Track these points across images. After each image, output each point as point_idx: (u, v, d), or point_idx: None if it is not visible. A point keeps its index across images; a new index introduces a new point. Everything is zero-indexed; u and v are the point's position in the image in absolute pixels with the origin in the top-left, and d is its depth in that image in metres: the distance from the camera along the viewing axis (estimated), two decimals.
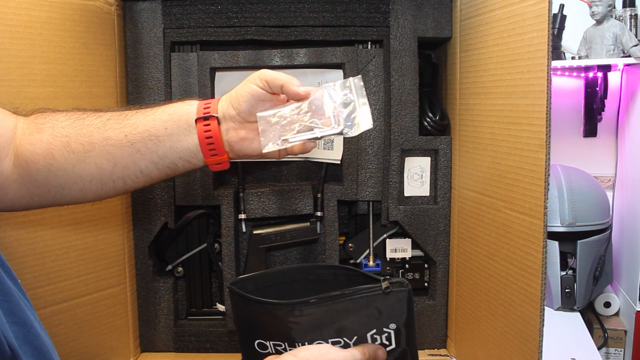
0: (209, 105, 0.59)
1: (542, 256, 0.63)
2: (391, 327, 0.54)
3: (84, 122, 0.58)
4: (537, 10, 0.63)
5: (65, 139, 0.57)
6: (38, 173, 0.57)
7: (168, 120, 0.58)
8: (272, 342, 0.56)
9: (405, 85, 0.89)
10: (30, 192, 0.58)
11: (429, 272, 0.97)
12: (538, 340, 0.65)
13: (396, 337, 0.54)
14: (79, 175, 0.58)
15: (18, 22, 0.72)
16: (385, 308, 0.54)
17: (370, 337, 0.54)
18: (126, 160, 0.58)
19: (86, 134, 0.57)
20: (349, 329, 0.54)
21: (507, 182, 0.72)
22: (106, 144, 0.57)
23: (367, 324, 0.54)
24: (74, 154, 0.57)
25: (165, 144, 0.58)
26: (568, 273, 1.11)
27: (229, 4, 0.87)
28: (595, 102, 1.28)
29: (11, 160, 0.57)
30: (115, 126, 0.58)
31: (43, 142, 0.57)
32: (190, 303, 0.98)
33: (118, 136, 0.57)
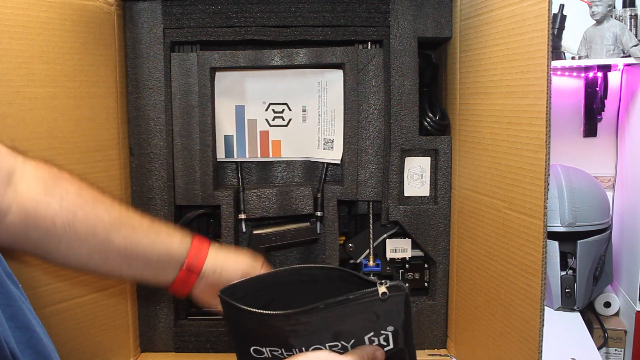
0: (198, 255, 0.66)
1: (542, 256, 0.63)
2: (389, 330, 0.54)
3: (93, 209, 0.61)
4: (537, 10, 0.63)
5: (72, 217, 0.59)
6: (35, 231, 0.57)
7: (164, 255, 0.65)
8: (269, 349, 0.55)
9: (405, 85, 0.89)
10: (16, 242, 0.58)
11: (429, 272, 0.97)
12: (538, 340, 0.65)
13: (394, 338, 0.54)
14: (69, 254, 0.60)
15: (17, 22, 0.72)
16: (382, 312, 0.53)
17: (368, 339, 0.54)
18: (115, 264, 0.63)
19: (92, 225, 0.60)
20: (346, 333, 0.54)
21: (507, 182, 0.72)
22: (107, 243, 0.61)
23: (364, 327, 0.54)
24: (75, 235, 0.59)
25: (150, 270, 0.65)
26: (568, 273, 1.11)
27: (229, 4, 0.87)
28: (595, 102, 1.28)
29: (7, 205, 0.56)
30: (120, 232, 0.62)
31: (49, 208, 0.58)
32: (191, 303, 0.98)
33: (119, 244, 0.62)
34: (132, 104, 0.89)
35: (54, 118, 0.77)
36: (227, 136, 0.95)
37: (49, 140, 0.76)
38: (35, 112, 0.74)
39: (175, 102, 0.89)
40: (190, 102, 0.89)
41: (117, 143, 0.87)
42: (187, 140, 0.90)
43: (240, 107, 0.95)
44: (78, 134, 0.80)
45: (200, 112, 0.89)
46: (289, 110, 0.95)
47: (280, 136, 0.96)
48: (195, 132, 0.90)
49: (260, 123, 0.95)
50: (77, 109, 0.80)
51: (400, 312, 0.53)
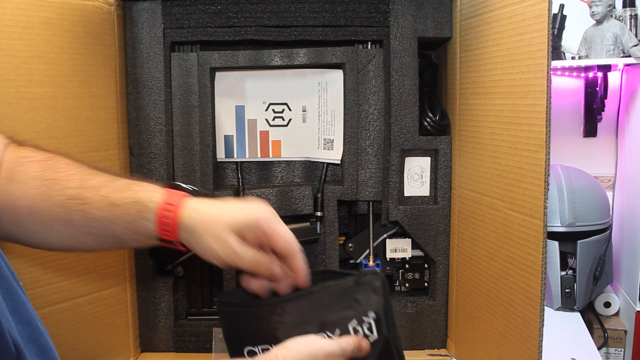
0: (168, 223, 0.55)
1: (542, 256, 0.63)
2: (370, 316, 0.55)
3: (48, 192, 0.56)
4: (537, 10, 0.63)
5: (31, 204, 0.56)
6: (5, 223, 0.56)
7: (127, 229, 0.56)
8: (260, 347, 0.56)
9: (405, 85, 0.89)
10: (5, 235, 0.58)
11: (429, 272, 0.97)
12: (538, 340, 0.65)
13: (377, 325, 0.55)
14: (42, 239, 0.58)
15: (16, 22, 0.72)
16: (361, 298, 0.55)
17: (352, 329, 0.55)
18: (90, 243, 0.58)
19: (48, 209, 0.56)
20: (330, 323, 0.55)
21: (507, 182, 0.72)
22: (68, 226, 0.57)
23: (347, 315, 0.55)
24: (38, 222, 0.57)
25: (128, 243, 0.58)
26: (568, 273, 1.11)
27: (229, 4, 0.87)
28: (595, 102, 1.28)
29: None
30: (75, 211, 0.56)
31: (11, 195, 0.56)
32: (190, 303, 0.98)
33: (79, 223, 0.56)
34: (132, 104, 0.89)
35: (54, 118, 0.77)
36: (227, 136, 0.95)
37: (49, 140, 0.76)
38: (34, 112, 0.74)
39: (175, 102, 0.89)
40: (190, 102, 0.89)
41: (117, 143, 0.87)
42: (187, 140, 0.90)
43: (240, 107, 0.95)
44: (78, 134, 0.80)
45: (200, 112, 0.89)
46: (289, 110, 0.95)
47: (280, 136, 0.96)
48: (195, 132, 0.90)
49: (260, 123, 0.95)
50: (77, 109, 0.80)
51: (379, 297, 0.55)
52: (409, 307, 0.94)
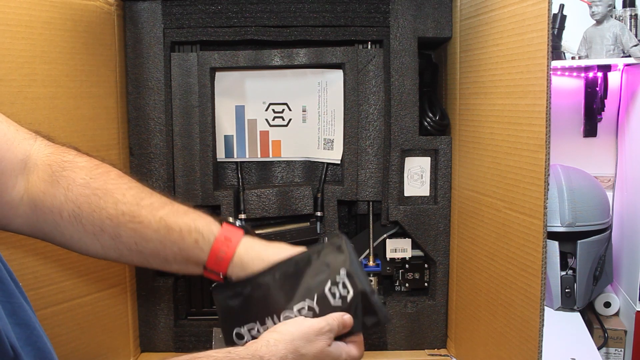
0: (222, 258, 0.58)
1: (542, 256, 0.63)
2: (342, 274, 0.57)
3: (99, 202, 0.56)
4: (537, 10, 0.63)
5: (77, 210, 0.56)
6: (45, 223, 0.56)
7: (178, 254, 0.58)
8: (246, 327, 0.59)
9: (405, 85, 0.89)
10: (34, 233, 0.58)
11: (429, 272, 0.97)
12: (538, 340, 0.65)
13: (350, 281, 0.57)
14: (83, 247, 0.58)
15: (19, 22, 0.72)
16: (329, 260, 0.58)
17: (329, 291, 0.57)
18: (134, 259, 0.59)
19: (98, 219, 0.56)
20: (308, 290, 0.57)
21: (507, 182, 0.72)
22: (116, 240, 0.57)
23: (321, 279, 0.57)
24: (84, 229, 0.56)
25: (172, 267, 0.60)
26: (568, 273, 1.11)
27: (229, 4, 0.87)
28: (595, 102, 1.28)
29: (20, 194, 0.55)
30: (127, 227, 0.57)
31: (55, 199, 0.55)
32: (190, 303, 0.98)
33: (128, 240, 0.57)
34: (132, 104, 0.89)
35: (55, 118, 0.77)
36: (227, 136, 0.95)
37: None
38: (36, 112, 0.74)
39: (175, 102, 0.89)
40: (190, 102, 0.89)
41: (117, 143, 0.87)
42: (187, 140, 0.90)
43: (240, 107, 0.95)
44: (79, 133, 0.80)
45: (200, 112, 0.90)
46: (289, 110, 0.95)
47: (280, 136, 0.96)
48: (195, 132, 0.90)
49: (260, 123, 0.95)
50: (78, 109, 0.80)
51: (344, 255, 0.57)
52: (409, 307, 0.94)
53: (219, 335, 0.71)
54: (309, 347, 0.53)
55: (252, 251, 0.60)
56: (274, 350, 0.52)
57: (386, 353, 0.95)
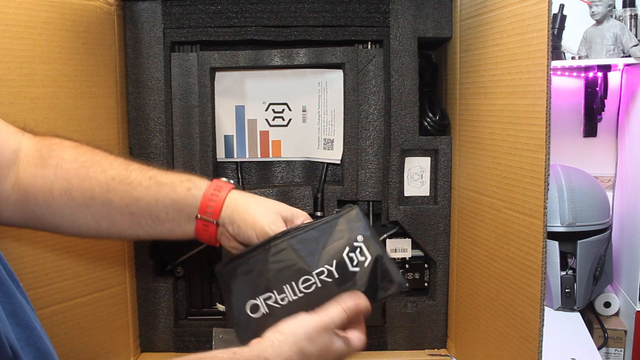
0: (213, 204, 0.59)
1: (542, 256, 0.63)
2: (360, 240, 0.57)
3: (88, 172, 0.58)
4: (537, 10, 0.63)
5: (67, 185, 0.57)
6: (36, 207, 0.57)
7: (170, 207, 0.59)
8: (262, 297, 0.57)
9: (405, 85, 0.89)
10: (25, 219, 0.58)
11: (429, 272, 0.97)
12: (538, 340, 0.65)
13: (367, 246, 0.57)
14: (75, 222, 0.58)
15: (18, 22, 0.72)
16: (346, 227, 0.58)
17: (347, 257, 0.57)
18: (124, 224, 0.59)
19: (88, 188, 0.57)
20: (327, 255, 0.57)
21: (507, 182, 0.72)
22: (107, 205, 0.58)
23: (339, 245, 0.57)
24: (74, 202, 0.57)
25: (164, 226, 0.60)
26: (568, 273, 1.11)
27: (229, 4, 0.87)
28: (595, 102, 1.28)
29: (11, 184, 0.57)
30: (118, 190, 0.58)
31: (45, 179, 0.56)
32: (190, 303, 0.98)
33: (119, 203, 0.58)
34: (132, 104, 0.89)
35: (55, 118, 0.77)
36: (227, 136, 0.95)
37: None
38: (36, 112, 0.74)
39: (175, 102, 0.89)
40: (190, 102, 0.89)
41: (117, 143, 0.87)
42: (187, 140, 0.90)
43: (240, 107, 0.95)
44: (79, 134, 0.80)
45: (200, 112, 0.90)
46: (289, 110, 0.95)
47: (280, 136, 0.96)
48: (195, 132, 0.90)
49: (260, 123, 0.95)
50: (78, 109, 0.80)
51: (360, 222, 0.58)
52: (409, 307, 0.94)
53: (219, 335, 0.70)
54: (313, 345, 0.53)
55: (244, 196, 0.61)
56: (278, 351, 0.51)
57: (386, 353, 0.95)
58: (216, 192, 0.60)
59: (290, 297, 0.57)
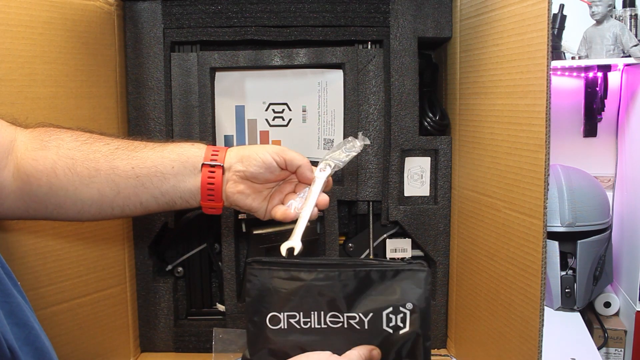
0: (217, 153, 0.61)
1: (542, 256, 0.63)
2: (407, 307, 0.55)
3: (91, 147, 0.59)
4: (537, 10, 0.63)
5: (71, 161, 0.58)
6: (39, 189, 0.57)
7: (176, 160, 0.60)
8: (286, 314, 0.56)
9: (405, 85, 0.89)
10: (27, 206, 0.58)
11: None
12: (538, 340, 0.65)
13: (411, 319, 0.55)
14: (79, 197, 0.58)
15: (19, 22, 0.72)
16: (403, 287, 0.55)
17: (385, 315, 0.55)
18: (129, 191, 0.59)
19: (93, 159, 0.58)
20: (365, 304, 0.55)
21: (507, 182, 0.72)
22: (112, 173, 0.58)
23: (384, 301, 0.55)
24: (78, 177, 0.58)
25: (169, 182, 0.60)
26: (568, 273, 1.11)
27: (229, 4, 0.87)
28: (595, 102, 1.28)
29: (10, 172, 0.57)
30: (123, 156, 0.59)
31: (47, 159, 0.57)
32: (190, 303, 0.98)
33: (125, 167, 0.59)
34: (132, 104, 0.89)
35: (56, 118, 0.77)
36: (227, 136, 0.95)
37: None
38: (37, 112, 0.74)
39: (175, 102, 0.89)
40: (190, 102, 0.89)
41: None
42: (187, 140, 0.90)
43: (240, 107, 0.95)
44: None
45: (200, 112, 0.90)
46: (289, 110, 0.95)
47: (280, 136, 0.96)
48: (195, 132, 0.90)
49: (260, 123, 0.95)
50: (78, 109, 0.80)
51: (420, 289, 0.55)
52: None
53: (219, 335, 0.70)
54: None
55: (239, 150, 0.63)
56: None
57: None
58: (215, 147, 0.62)
59: (314, 324, 0.56)
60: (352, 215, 1.00)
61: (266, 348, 0.56)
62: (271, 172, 0.62)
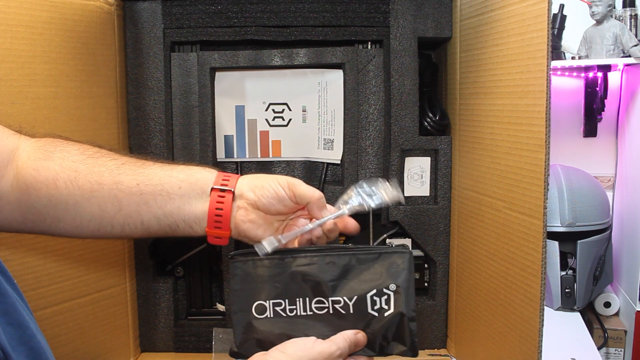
0: (227, 179, 0.59)
1: (542, 256, 0.63)
2: (391, 288, 0.55)
3: (97, 160, 0.57)
4: (537, 10, 0.63)
5: (74, 174, 0.56)
6: (37, 200, 0.56)
7: (184, 180, 0.57)
8: (272, 302, 0.56)
9: (405, 85, 0.89)
10: (24, 218, 0.57)
11: (429, 272, 0.97)
12: (538, 340, 0.65)
13: (395, 299, 0.55)
14: (79, 212, 0.57)
15: (19, 22, 0.72)
16: (385, 269, 0.56)
17: (370, 298, 0.55)
18: (131, 208, 0.57)
19: (97, 173, 0.56)
20: (349, 288, 0.55)
21: (507, 182, 0.72)
22: (115, 188, 0.56)
23: (368, 283, 0.55)
24: (79, 190, 0.56)
25: (174, 203, 0.57)
26: (568, 273, 1.11)
27: (229, 4, 0.87)
28: (595, 102, 1.28)
29: (9, 182, 0.56)
30: (129, 172, 0.57)
31: (49, 170, 0.55)
32: (190, 303, 0.98)
33: (129, 182, 0.57)
34: (132, 104, 0.89)
35: (56, 118, 0.77)
36: (227, 136, 0.95)
37: None
38: (37, 112, 0.74)
39: (175, 102, 0.89)
40: (190, 102, 0.89)
41: (117, 143, 0.88)
42: (187, 140, 0.90)
43: (240, 107, 0.95)
44: (79, 134, 0.80)
45: (200, 112, 0.90)
46: (289, 110, 0.95)
47: (280, 136, 0.96)
48: (195, 132, 0.90)
49: (260, 123, 0.95)
50: (79, 109, 0.80)
51: (403, 270, 0.56)
52: None
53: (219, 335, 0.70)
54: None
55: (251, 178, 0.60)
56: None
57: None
58: (226, 173, 0.60)
59: (300, 311, 0.56)
60: (352, 215, 1.00)
61: (253, 338, 0.56)
62: (284, 205, 0.59)
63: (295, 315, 0.56)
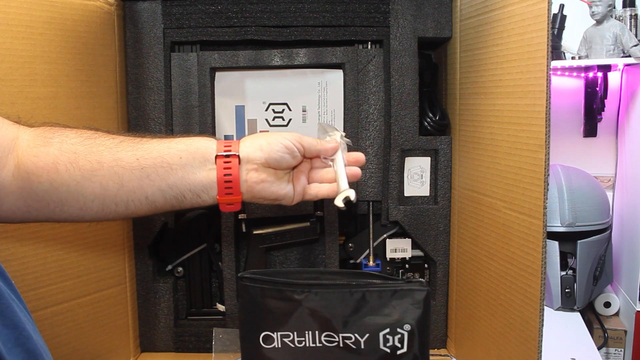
0: (229, 144, 0.59)
1: (542, 256, 0.63)
2: (405, 328, 0.54)
3: (95, 141, 0.57)
4: (537, 10, 0.63)
5: (73, 156, 0.56)
6: (39, 186, 0.56)
7: (184, 150, 0.57)
8: (280, 333, 0.55)
9: (405, 85, 0.89)
10: (28, 206, 0.57)
11: (429, 272, 0.97)
12: (538, 340, 0.65)
13: (409, 340, 0.54)
14: (81, 193, 0.57)
15: (19, 22, 0.72)
16: (401, 306, 0.54)
17: (382, 336, 0.54)
18: (133, 183, 0.57)
19: (96, 152, 0.56)
20: (361, 325, 0.54)
21: (507, 182, 0.72)
22: (115, 165, 0.56)
23: (381, 321, 0.54)
24: (80, 171, 0.56)
25: (177, 173, 0.57)
26: (568, 273, 1.11)
27: (229, 4, 0.87)
28: (595, 102, 1.28)
29: (10, 171, 0.56)
30: (127, 148, 0.57)
31: (49, 155, 0.56)
32: (190, 303, 0.98)
33: (129, 158, 0.56)
34: (132, 104, 0.89)
35: (56, 118, 0.77)
36: (227, 136, 0.95)
37: None
38: (37, 112, 0.74)
39: (175, 102, 0.89)
40: (190, 102, 0.89)
41: None
42: None
43: (240, 107, 0.95)
44: None
45: (200, 112, 0.90)
46: (289, 110, 0.95)
47: None
48: (195, 132, 0.90)
49: (260, 123, 0.95)
50: (79, 109, 0.80)
51: (419, 310, 0.54)
52: None
53: (219, 335, 0.69)
54: None
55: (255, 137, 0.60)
56: None
57: None
58: (228, 141, 0.59)
59: (308, 342, 0.54)
60: (352, 215, 1.00)
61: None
62: (294, 157, 0.60)
63: (304, 347, 0.55)
